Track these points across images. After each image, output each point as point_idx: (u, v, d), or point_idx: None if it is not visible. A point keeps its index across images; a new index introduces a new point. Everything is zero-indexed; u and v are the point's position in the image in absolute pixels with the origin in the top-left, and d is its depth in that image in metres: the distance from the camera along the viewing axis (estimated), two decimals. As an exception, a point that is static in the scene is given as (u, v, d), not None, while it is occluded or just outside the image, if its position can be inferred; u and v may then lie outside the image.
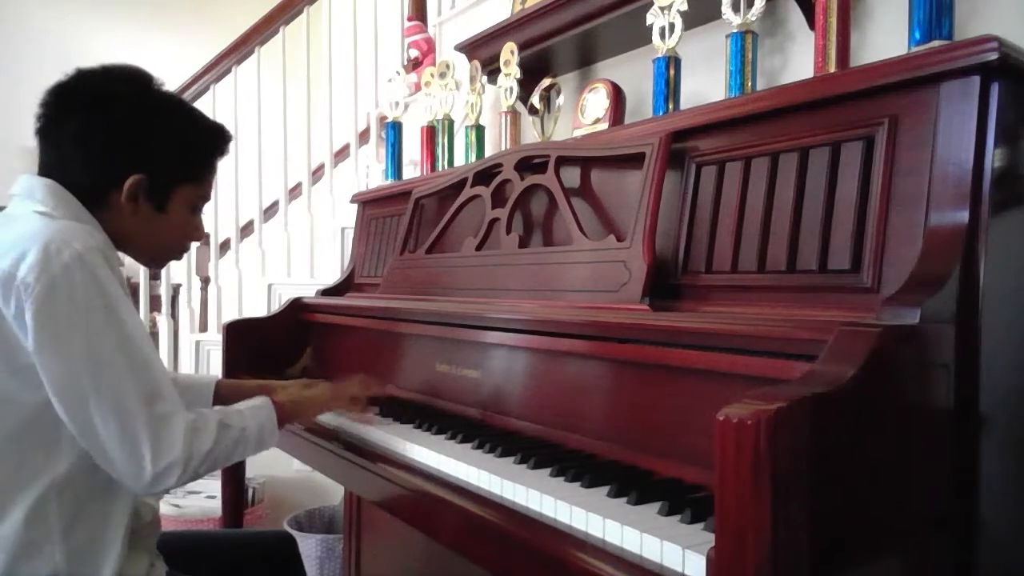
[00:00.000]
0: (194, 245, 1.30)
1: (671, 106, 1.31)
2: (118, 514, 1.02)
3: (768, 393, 0.63)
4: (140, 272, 3.28)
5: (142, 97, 1.09)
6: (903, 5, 1.00)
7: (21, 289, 0.91)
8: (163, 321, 3.24)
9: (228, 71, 3.30)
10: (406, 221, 1.73)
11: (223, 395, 1.47)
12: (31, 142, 1.09)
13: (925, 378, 0.75)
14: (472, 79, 1.82)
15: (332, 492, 2.69)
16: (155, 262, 1.21)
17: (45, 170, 1.06)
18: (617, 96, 1.59)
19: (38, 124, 1.07)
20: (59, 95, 1.07)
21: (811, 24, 1.32)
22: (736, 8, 1.21)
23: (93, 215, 1.06)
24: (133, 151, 1.07)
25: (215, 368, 2.93)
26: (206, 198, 1.20)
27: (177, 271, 3.32)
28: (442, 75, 1.91)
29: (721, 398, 0.66)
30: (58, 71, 1.07)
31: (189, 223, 1.17)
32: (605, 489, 0.89)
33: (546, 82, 1.67)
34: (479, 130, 1.83)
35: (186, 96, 3.18)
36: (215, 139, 1.18)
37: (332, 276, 2.55)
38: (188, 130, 1.14)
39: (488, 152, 1.84)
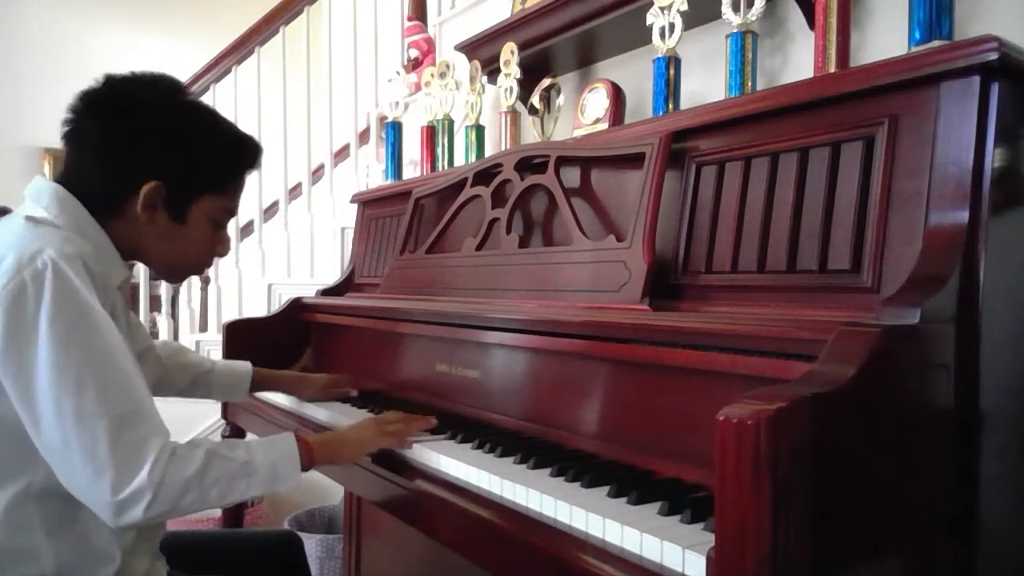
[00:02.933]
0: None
1: (671, 106, 1.31)
2: None
3: (768, 393, 0.63)
4: (140, 272, 3.28)
5: (165, 104, 1.06)
6: (903, 5, 1.00)
7: None
8: (163, 321, 3.24)
9: (228, 71, 3.30)
10: (406, 221, 1.73)
11: (258, 382, 1.53)
12: (31, 142, 1.08)
13: (925, 378, 0.75)
14: (472, 79, 1.83)
15: (332, 492, 2.69)
16: (173, 276, 1.17)
17: (63, 174, 1.05)
18: (617, 96, 1.59)
19: (64, 129, 1.05)
20: (87, 102, 1.04)
21: (811, 24, 1.32)
22: (736, 8, 1.21)
23: (106, 223, 1.03)
24: (150, 157, 1.03)
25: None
26: (232, 212, 1.14)
27: (177, 271, 3.31)
28: (442, 75, 1.91)
29: (721, 398, 0.66)
30: (58, 72, 1.08)
31: (212, 237, 1.12)
32: (605, 489, 0.88)
33: (546, 82, 1.67)
34: (479, 130, 1.83)
35: (186, 96, 3.18)
36: (242, 151, 1.13)
37: (332, 276, 2.55)
38: (212, 139, 1.10)
39: (488, 152, 1.84)
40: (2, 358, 0.89)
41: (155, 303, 3.48)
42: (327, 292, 2.00)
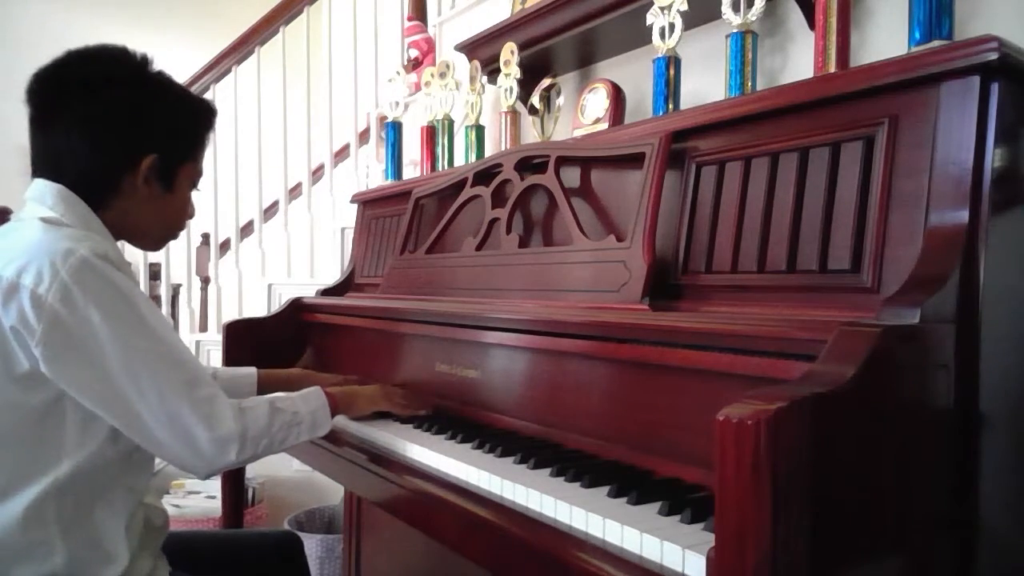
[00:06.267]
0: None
1: (671, 106, 1.31)
2: (122, 518, 1.01)
3: (768, 393, 0.63)
4: (140, 272, 3.28)
5: (142, 77, 1.08)
6: (903, 5, 1.00)
7: (32, 302, 0.89)
8: (163, 321, 3.23)
9: (228, 71, 3.30)
10: (406, 221, 1.73)
11: (264, 384, 1.51)
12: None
13: (925, 378, 0.75)
14: (472, 79, 1.82)
15: (332, 492, 2.69)
16: (159, 244, 1.20)
17: (48, 161, 1.04)
18: (617, 96, 1.59)
19: (34, 111, 1.04)
20: (55, 79, 1.04)
21: (811, 24, 1.32)
22: (736, 8, 1.21)
23: (102, 208, 1.05)
24: (144, 132, 1.06)
25: (215, 368, 2.93)
26: (202, 174, 1.20)
27: (177, 271, 3.32)
28: (442, 75, 1.91)
29: (721, 398, 0.66)
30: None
31: (189, 201, 1.18)
32: (605, 489, 0.88)
33: (546, 82, 1.67)
34: (479, 130, 1.83)
35: (186, 96, 3.18)
36: (207, 115, 1.19)
37: (332, 276, 2.55)
38: (186, 107, 1.14)
39: (488, 152, 1.84)
40: (70, 359, 0.92)
41: (155, 303, 3.47)
42: (327, 292, 2.00)
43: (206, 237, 3.47)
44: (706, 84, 1.53)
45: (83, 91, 1.03)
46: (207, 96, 3.24)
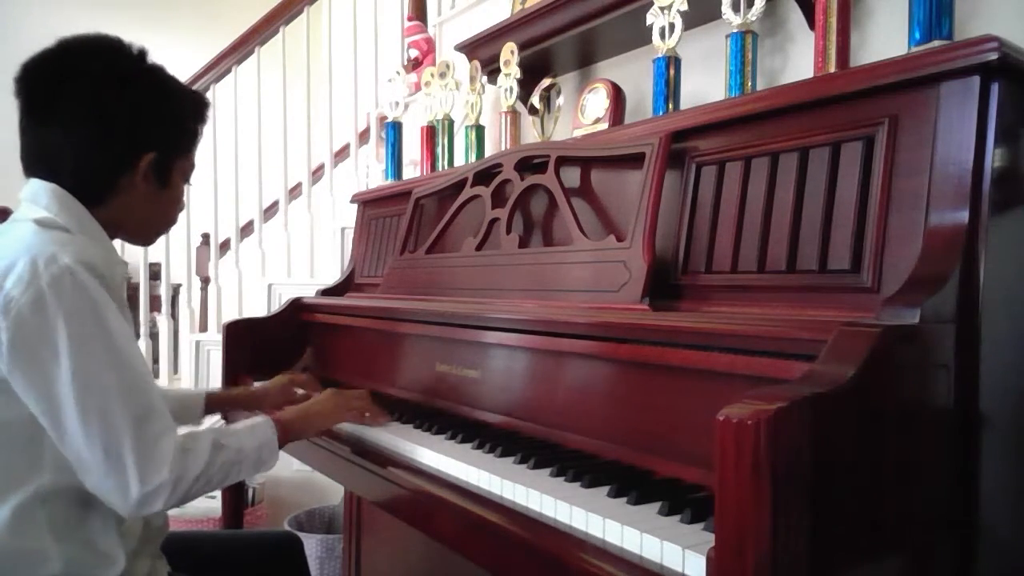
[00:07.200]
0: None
1: (671, 106, 1.31)
2: (117, 521, 1.01)
3: (768, 393, 0.63)
4: (140, 272, 3.28)
5: (140, 73, 1.06)
6: (903, 5, 1.00)
7: (3, 304, 0.88)
8: (163, 321, 3.24)
9: (228, 71, 3.30)
10: (406, 221, 1.73)
11: (212, 406, 1.46)
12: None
13: (925, 378, 0.75)
14: (472, 79, 1.82)
15: (332, 492, 2.69)
16: (152, 239, 1.19)
17: (44, 159, 1.02)
18: (617, 96, 1.59)
19: (27, 105, 1.01)
20: (51, 72, 1.01)
21: (811, 24, 1.32)
22: (736, 8, 1.21)
23: (98, 206, 1.03)
24: (144, 130, 1.04)
25: (215, 368, 2.93)
26: (194, 167, 1.18)
27: (177, 271, 3.32)
28: (442, 75, 1.91)
29: (721, 398, 0.66)
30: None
31: (182, 195, 1.16)
32: (605, 489, 0.88)
33: (546, 82, 1.67)
34: (479, 130, 1.83)
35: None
36: (202, 107, 1.17)
37: (332, 276, 2.55)
38: (181, 102, 1.12)
39: (488, 152, 1.84)
40: (24, 365, 0.89)
41: (155, 303, 3.48)
42: (327, 292, 2.00)
43: (206, 237, 3.47)
44: (706, 84, 1.53)
45: (82, 88, 1.00)
46: (208, 96, 3.25)
